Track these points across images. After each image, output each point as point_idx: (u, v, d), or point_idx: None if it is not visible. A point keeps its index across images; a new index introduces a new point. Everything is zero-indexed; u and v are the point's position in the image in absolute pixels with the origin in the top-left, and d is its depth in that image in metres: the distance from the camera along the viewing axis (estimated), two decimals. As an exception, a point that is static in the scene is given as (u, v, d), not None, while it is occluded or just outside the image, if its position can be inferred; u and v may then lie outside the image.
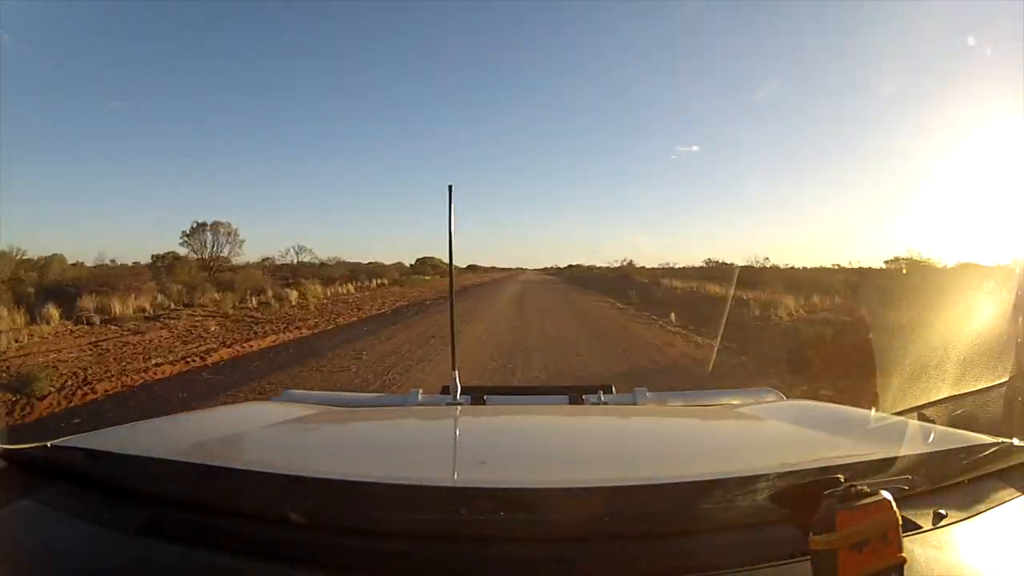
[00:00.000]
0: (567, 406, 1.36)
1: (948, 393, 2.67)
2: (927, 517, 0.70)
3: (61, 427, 4.49)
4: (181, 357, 7.40)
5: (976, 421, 2.02)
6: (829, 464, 0.75)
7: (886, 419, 1.09)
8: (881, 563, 0.53)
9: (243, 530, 0.69)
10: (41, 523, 0.73)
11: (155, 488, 0.76)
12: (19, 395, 5.17)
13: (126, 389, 5.86)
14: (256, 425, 1.16)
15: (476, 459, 0.93)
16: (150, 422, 1.19)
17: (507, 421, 1.28)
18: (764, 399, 1.38)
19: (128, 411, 4.98)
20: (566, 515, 0.66)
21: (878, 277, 18.20)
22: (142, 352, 7.67)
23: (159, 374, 6.53)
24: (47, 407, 5.07)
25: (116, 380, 6.03)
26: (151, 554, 0.67)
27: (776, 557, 0.63)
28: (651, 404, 1.39)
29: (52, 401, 5.21)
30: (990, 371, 2.43)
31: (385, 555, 0.64)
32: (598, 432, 1.18)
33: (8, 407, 4.89)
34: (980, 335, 3.08)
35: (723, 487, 0.67)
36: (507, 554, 0.64)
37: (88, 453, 0.82)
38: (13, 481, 0.82)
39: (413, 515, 0.67)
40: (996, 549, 0.69)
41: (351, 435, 1.17)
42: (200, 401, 5.27)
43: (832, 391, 4.78)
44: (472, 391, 1.42)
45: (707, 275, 23.56)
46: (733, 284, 14.90)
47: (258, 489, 0.72)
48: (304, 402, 1.40)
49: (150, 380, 6.24)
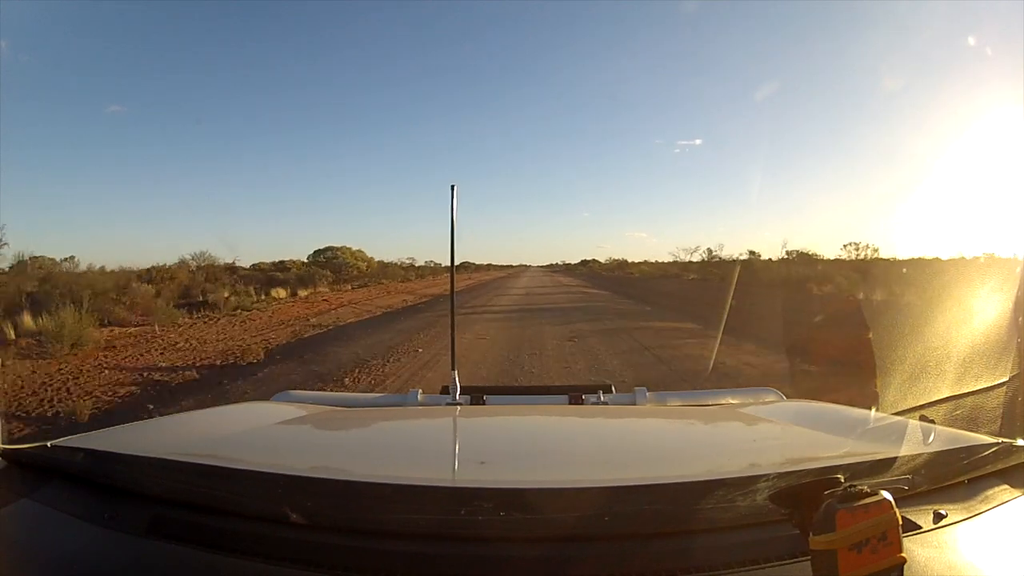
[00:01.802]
0: (567, 406, 1.36)
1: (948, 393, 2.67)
2: (927, 517, 0.70)
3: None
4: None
5: (976, 421, 2.02)
6: (829, 464, 0.76)
7: (886, 419, 1.09)
8: (881, 563, 0.52)
9: (242, 530, 0.69)
10: (41, 523, 0.73)
11: (155, 488, 0.76)
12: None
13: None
14: (256, 425, 1.16)
15: (476, 459, 0.93)
16: (150, 422, 1.19)
17: (507, 421, 1.28)
18: (764, 399, 1.38)
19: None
20: (566, 515, 0.66)
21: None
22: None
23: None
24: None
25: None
26: (151, 554, 0.67)
27: (776, 557, 0.63)
28: (651, 404, 1.39)
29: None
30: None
31: (385, 555, 0.64)
32: (598, 432, 1.18)
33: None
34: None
35: (723, 487, 0.67)
36: (507, 554, 0.64)
37: (88, 453, 0.82)
38: (13, 481, 0.82)
39: (413, 515, 0.67)
40: (996, 549, 0.69)
41: (351, 435, 1.17)
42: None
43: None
44: (472, 391, 1.42)
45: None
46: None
47: (258, 489, 0.72)
48: (304, 402, 1.40)
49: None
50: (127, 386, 5.99)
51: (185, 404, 5.19)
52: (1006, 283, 4.45)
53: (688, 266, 31.55)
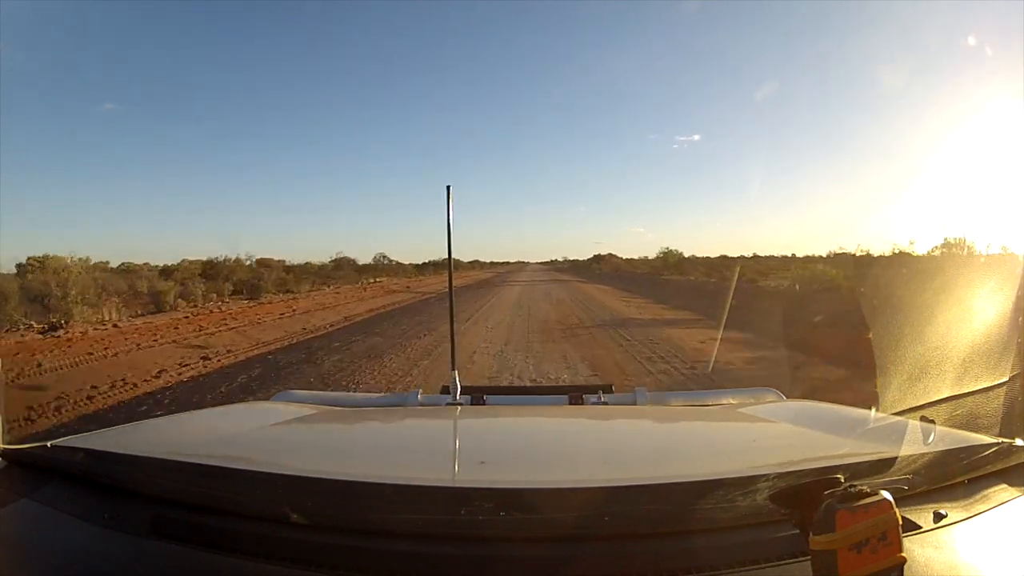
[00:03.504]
0: (567, 406, 1.36)
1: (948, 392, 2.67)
2: (927, 517, 0.70)
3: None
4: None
5: (976, 421, 2.02)
6: (829, 464, 0.76)
7: (886, 419, 1.09)
8: (881, 563, 0.52)
9: (242, 530, 0.69)
10: (41, 523, 0.73)
11: (155, 488, 0.76)
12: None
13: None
14: (256, 425, 1.16)
15: (476, 459, 0.93)
16: (150, 422, 1.19)
17: (507, 421, 1.28)
18: (764, 399, 1.38)
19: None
20: (566, 515, 0.66)
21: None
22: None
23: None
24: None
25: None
26: (151, 554, 0.67)
27: (776, 557, 0.63)
28: (651, 404, 1.39)
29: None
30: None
31: (385, 555, 0.64)
32: (598, 432, 1.18)
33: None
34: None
35: (723, 487, 0.67)
36: (507, 554, 0.64)
37: (88, 453, 0.82)
38: (13, 481, 0.82)
39: (413, 515, 0.67)
40: (996, 549, 0.69)
41: (351, 435, 1.17)
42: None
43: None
44: (472, 391, 1.42)
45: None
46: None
47: (258, 489, 0.72)
48: (304, 402, 1.40)
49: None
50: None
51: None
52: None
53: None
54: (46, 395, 5.37)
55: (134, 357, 7.40)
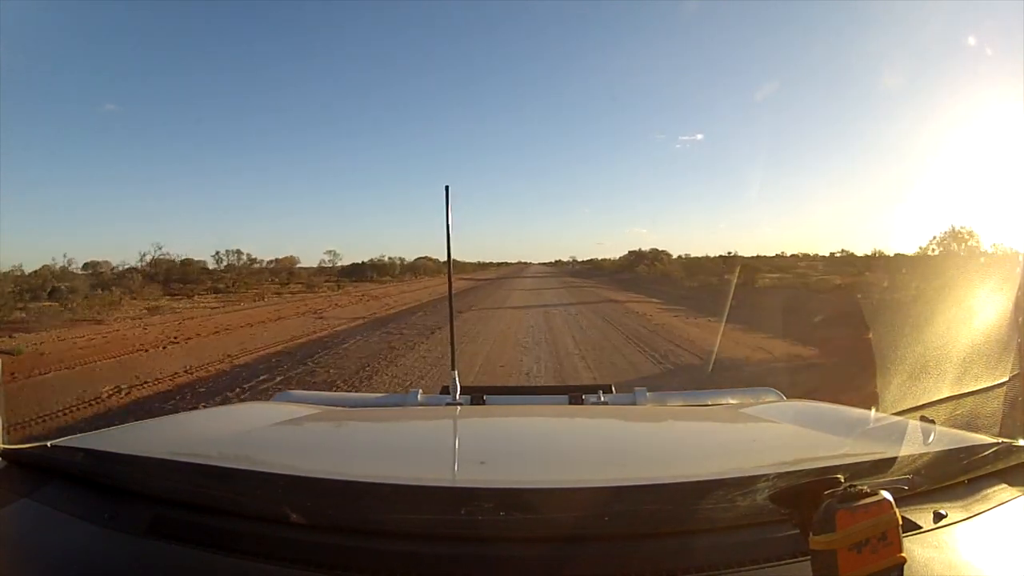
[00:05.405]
0: (567, 406, 1.36)
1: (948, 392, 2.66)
2: (927, 517, 0.70)
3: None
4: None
5: (976, 421, 2.02)
6: (829, 464, 0.75)
7: (886, 419, 1.09)
8: (881, 563, 0.52)
9: (242, 530, 0.69)
10: (41, 523, 0.73)
11: (155, 488, 0.76)
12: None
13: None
14: (256, 425, 1.16)
15: (476, 459, 0.93)
16: (150, 422, 1.19)
17: (507, 421, 1.28)
18: (764, 399, 1.38)
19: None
20: (566, 515, 0.66)
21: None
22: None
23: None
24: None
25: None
26: (151, 554, 0.67)
27: (776, 557, 0.63)
28: (651, 404, 1.39)
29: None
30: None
31: (385, 555, 0.64)
32: (598, 432, 1.18)
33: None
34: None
35: (723, 487, 0.67)
36: (507, 554, 0.64)
37: (88, 453, 0.82)
38: (13, 481, 0.82)
39: (413, 515, 0.67)
40: (996, 549, 0.69)
41: (351, 435, 1.17)
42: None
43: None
44: (472, 391, 1.42)
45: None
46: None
47: (258, 489, 0.72)
48: (304, 402, 1.40)
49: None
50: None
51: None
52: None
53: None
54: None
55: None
